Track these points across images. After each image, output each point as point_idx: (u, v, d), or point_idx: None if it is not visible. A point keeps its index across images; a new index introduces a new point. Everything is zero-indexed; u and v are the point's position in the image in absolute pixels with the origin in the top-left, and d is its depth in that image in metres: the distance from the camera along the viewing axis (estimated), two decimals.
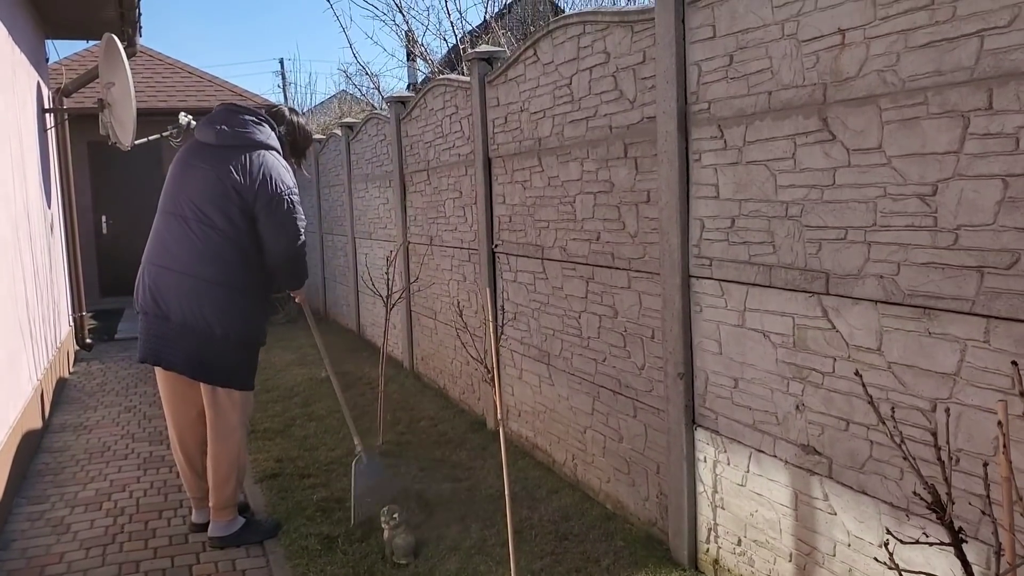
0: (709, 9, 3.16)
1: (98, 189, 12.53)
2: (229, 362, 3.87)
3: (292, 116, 4.25)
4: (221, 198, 3.79)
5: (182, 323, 3.78)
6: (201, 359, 3.82)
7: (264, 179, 3.82)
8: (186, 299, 3.77)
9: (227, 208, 3.79)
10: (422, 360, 7.13)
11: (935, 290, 2.37)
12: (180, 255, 3.80)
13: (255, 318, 3.97)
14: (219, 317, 3.79)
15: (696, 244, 3.34)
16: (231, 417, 3.93)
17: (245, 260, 3.87)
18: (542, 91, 4.51)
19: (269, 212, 3.83)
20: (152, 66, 13.18)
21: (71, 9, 7.81)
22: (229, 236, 3.80)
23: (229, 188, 3.78)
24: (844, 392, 2.71)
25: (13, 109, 6.04)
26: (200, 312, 3.76)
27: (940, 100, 2.31)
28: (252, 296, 3.93)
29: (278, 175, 3.87)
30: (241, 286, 3.85)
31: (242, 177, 3.80)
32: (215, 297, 3.78)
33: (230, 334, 3.82)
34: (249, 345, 3.96)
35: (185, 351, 3.81)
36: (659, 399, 3.68)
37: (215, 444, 3.93)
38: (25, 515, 4.47)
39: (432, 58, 11.99)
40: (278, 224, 3.86)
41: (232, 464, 3.95)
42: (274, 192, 3.83)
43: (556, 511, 4.14)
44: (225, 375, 3.88)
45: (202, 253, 3.77)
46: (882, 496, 2.59)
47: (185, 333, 3.79)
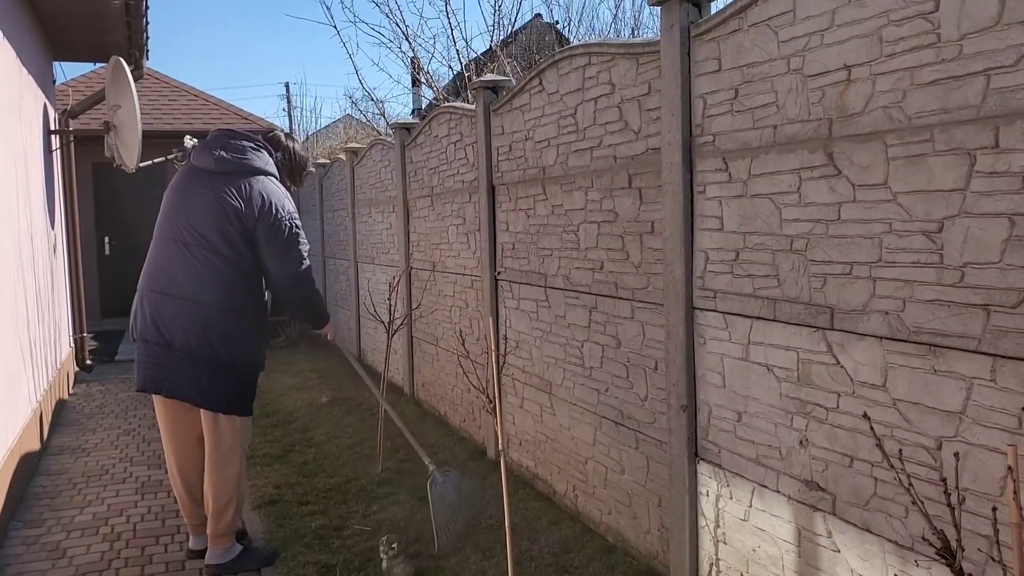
0: (715, 43, 3.17)
1: (101, 210, 12.57)
2: (233, 388, 3.85)
3: (288, 141, 4.26)
4: (222, 223, 3.78)
5: (186, 350, 3.75)
6: (205, 386, 3.79)
7: (264, 205, 3.82)
8: (190, 326, 3.74)
9: (228, 233, 3.78)
10: (423, 386, 7.10)
11: (941, 327, 2.36)
12: (182, 281, 3.77)
13: (258, 343, 3.96)
14: (224, 343, 3.77)
15: (700, 276, 3.33)
16: (231, 444, 3.90)
17: (248, 285, 3.87)
18: (547, 120, 4.53)
19: (270, 238, 3.83)
20: (158, 88, 13.25)
21: (79, 32, 7.86)
22: (231, 261, 3.80)
23: (230, 213, 3.78)
24: (848, 428, 2.69)
25: (20, 131, 6.06)
26: (205, 339, 3.74)
27: (946, 137, 2.31)
28: (254, 321, 3.92)
29: (278, 200, 3.88)
30: (244, 311, 3.84)
31: (242, 203, 3.79)
32: (219, 323, 3.76)
33: (235, 360, 3.80)
34: (252, 371, 3.95)
35: (188, 378, 3.78)
36: (662, 431, 3.66)
37: (215, 472, 3.90)
38: (21, 539, 4.43)
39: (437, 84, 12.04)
40: (280, 250, 3.86)
41: (232, 491, 3.91)
42: (275, 218, 3.83)
43: (556, 543, 4.11)
44: (228, 402, 3.86)
45: (204, 279, 3.76)
46: (887, 535, 2.57)
47: (189, 360, 3.76)
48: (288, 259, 3.89)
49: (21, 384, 5.38)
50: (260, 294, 3.94)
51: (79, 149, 9.40)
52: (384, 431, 5.45)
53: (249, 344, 3.89)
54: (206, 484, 3.94)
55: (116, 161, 7.53)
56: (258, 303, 3.95)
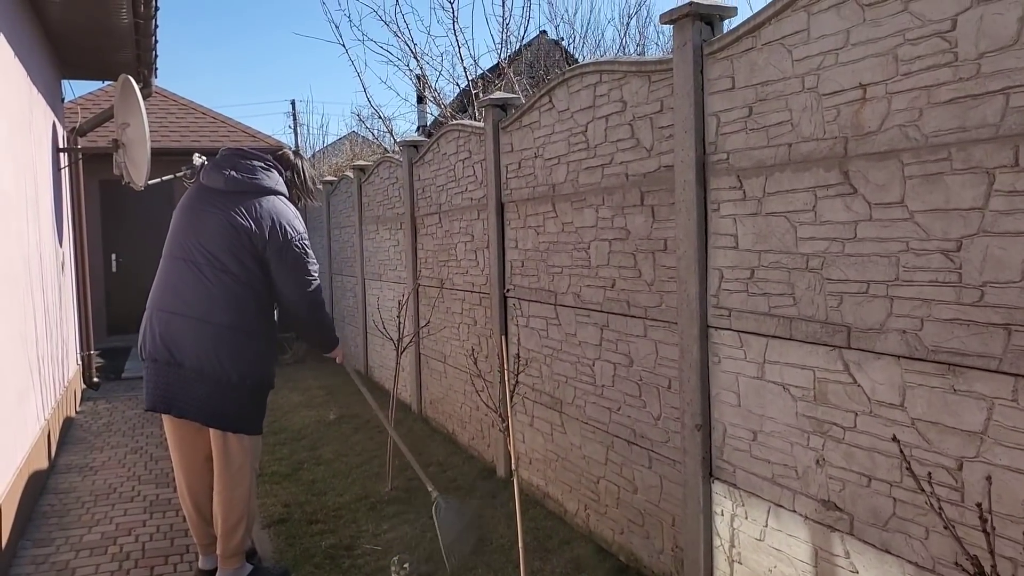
0: (728, 61, 3.17)
1: (109, 228, 12.59)
2: (243, 408, 3.84)
3: (297, 160, 4.27)
4: (233, 243, 3.77)
5: (197, 370, 3.73)
6: (215, 406, 3.77)
7: (274, 225, 3.82)
8: (201, 345, 3.72)
9: (240, 253, 3.78)
10: (431, 404, 7.08)
11: (960, 347, 2.35)
12: (193, 301, 3.76)
13: (268, 362, 3.95)
14: (235, 363, 3.75)
15: (715, 294, 3.32)
16: (241, 463, 3.87)
17: (258, 304, 3.86)
18: (557, 138, 4.53)
19: (280, 258, 3.83)
20: (166, 106, 13.30)
21: (88, 50, 7.90)
22: (242, 281, 3.79)
23: (241, 233, 3.78)
24: (866, 447, 2.67)
25: (29, 148, 6.08)
26: (216, 358, 3.72)
27: (964, 156, 2.31)
28: (265, 340, 3.91)
29: (287, 221, 3.88)
30: (255, 331, 3.83)
31: (252, 223, 3.79)
32: (230, 342, 3.75)
33: (246, 379, 3.79)
34: (262, 389, 3.93)
35: (198, 398, 3.76)
36: (675, 450, 3.64)
37: (225, 491, 3.87)
38: (30, 558, 4.41)
39: (443, 101, 12.07)
40: (289, 270, 3.86)
41: (242, 511, 3.89)
42: (284, 238, 3.83)
43: (568, 562, 4.08)
44: (238, 421, 3.84)
45: (216, 298, 3.75)
46: (907, 556, 2.54)
47: (200, 380, 3.74)
48: (298, 281, 3.89)
49: (29, 402, 5.37)
50: (270, 312, 3.94)
51: (87, 167, 9.43)
52: (393, 449, 5.43)
53: (259, 362, 3.87)
54: (216, 504, 3.91)
55: (125, 179, 7.54)
56: (268, 321, 3.94)
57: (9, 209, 5.04)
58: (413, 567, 3.76)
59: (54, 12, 6.63)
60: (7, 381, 4.64)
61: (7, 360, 4.70)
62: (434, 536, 4.33)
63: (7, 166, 5.08)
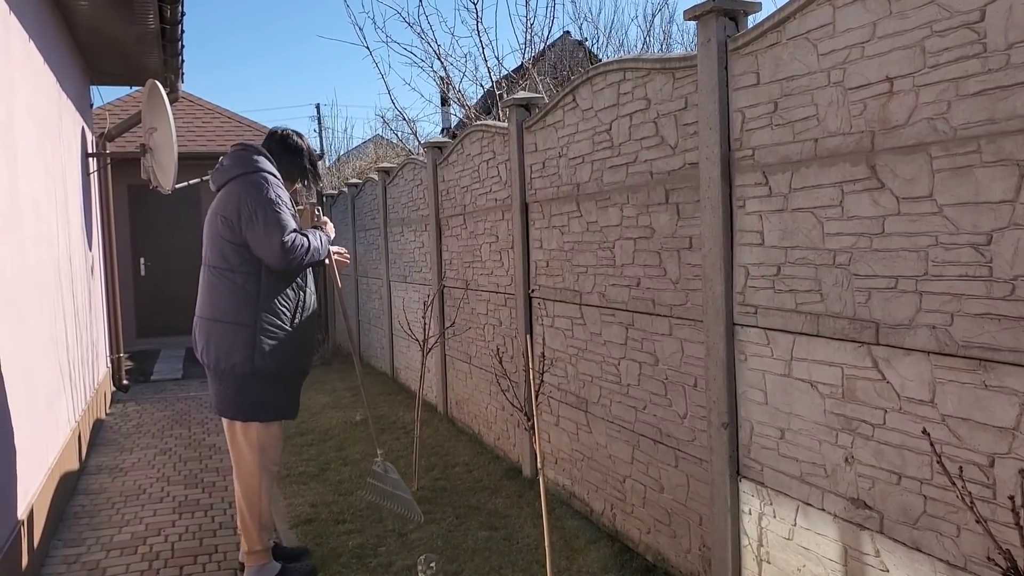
0: (752, 56, 3.15)
1: (136, 231, 12.73)
2: (241, 395, 3.91)
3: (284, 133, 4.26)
4: (219, 237, 3.91)
5: (212, 366, 3.95)
6: (221, 395, 3.96)
7: (240, 199, 3.86)
8: (211, 342, 3.91)
9: (223, 246, 3.90)
10: (456, 404, 7.09)
11: (991, 341, 2.32)
12: (205, 302, 3.98)
13: (271, 351, 3.89)
14: (228, 352, 3.87)
15: (740, 291, 3.30)
16: (251, 457, 3.97)
17: (251, 294, 3.88)
18: (581, 137, 4.52)
19: (252, 230, 3.84)
20: (192, 111, 13.42)
21: (116, 56, 7.99)
22: (229, 273, 3.89)
23: (223, 225, 3.89)
24: (896, 445, 2.64)
25: (59, 155, 6.16)
26: (217, 351, 3.89)
27: (994, 149, 2.28)
28: (263, 330, 3.88)
29: (254, 190, 3.87)
30: (248, 321, 3.86)
31: (228, 209, 3.89)
32: (224, 334, 3.88)
33: (239, 367, 3.87)
34: (266, 380, 3.92)
35: (216, 391, 4.00)
36: (702, 449, 3.62)
37: (236, 483, 4.04)
38: (61, 558, 4.46)
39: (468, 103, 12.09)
40: (262, 236, 3.83)
41: (254, 508, 3.97)
42: (250, 208, 3.84)
43: (595, 562, 4.07)
44: (237, 409, 3.94)
45: (215, 296, 3.93)
46: (938, 554, 2.51)
47: (215, 374, 3.96)
48: (270, 243, 3.83)
49: (60, 404, 5.44)
50: (271, 302, 3.91)
51: (115, 171, 9.54)
52: (420, 450, 5.44)
53: (256, 351, 3.86)
54: (236, 497, 4.08)
55: (152, 183, 7.62)
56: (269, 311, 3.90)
57: (40, 215, 5.11)
58: (440, 566, 3.77)
59: (82, 19, 6.71)
60: (38, 384, 4.70)
61: (38, 363, 4.77)
62: (461, 536, 4.34)
63: (38, 172, 5.15)
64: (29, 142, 4.91)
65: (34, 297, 4.75)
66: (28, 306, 4.55)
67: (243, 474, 3.98)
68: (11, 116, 4.42)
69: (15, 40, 4.65)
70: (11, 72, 4.49)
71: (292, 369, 4.02)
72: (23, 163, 4.67)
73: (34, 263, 4.80)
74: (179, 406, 8.69)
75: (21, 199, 4.54)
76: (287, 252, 3.84)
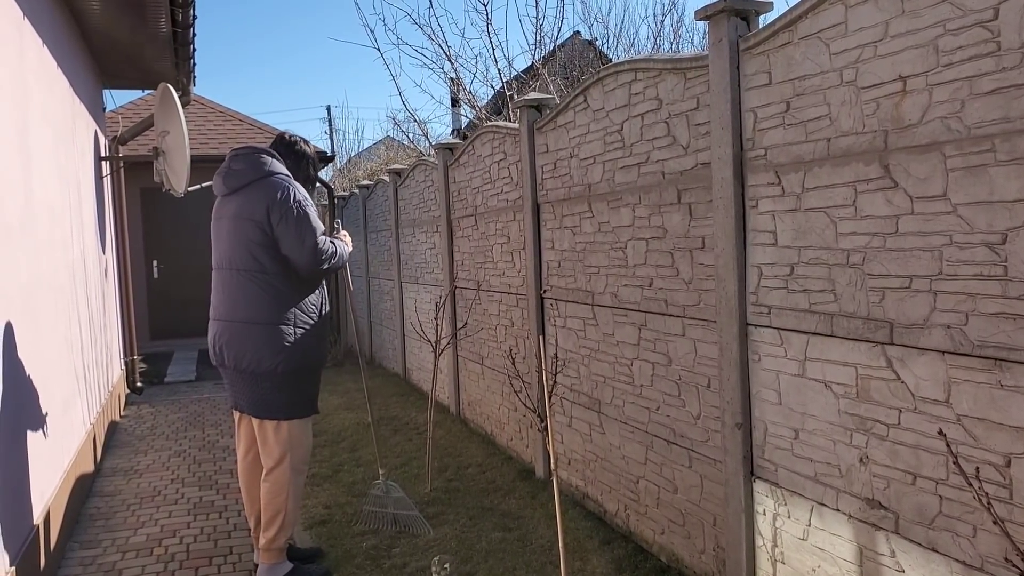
0: (764, 56, 3.15)
1: (149, 234, 12.78)
2: (270, 394, 3.94)
3: (292, 139, 4.31)
4: (246, 241, 3.92)
5: (238, 367, 3.95)
6: (251, 395, 3.98)
7: (271, 201, 3.89)
8: (235, 344, 3.94)
9: (251, 247, 3.91)
10: (468, 405, 7.10)
11: (1007, 341, 2.31)
12: (225, 305, 4.00)
13: (296, 349, 3.94)
14: (257, 353, 3.89)
15: (754, 292, 3.29)
16: (280, 455, 3.99)
17: (275, 295, 3.92)
18: (592, 137, 4.52)
19: (285, 229, 3.88)
20: (204, 114, 13.47)
21: (129, 60, 8.03)
22: (256, 275, 3.91)
23: (248, 228, 3.91)
24: (911, 445, 2.63)
25: (73, 158, 6.19)
26: (244, 352, 3.91)
27: (1008, 147, 2.27)
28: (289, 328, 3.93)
29: (284, 192, 3.92)
30: (274, 320, 3.91)
31: (255, 212, 3.90)
32: (252, 335, 3.90)
33: (275, 367, 3.90)
34: (294, 376, 3.97)
35: (244, 392, 4.01)
36: (716, 449, 3.61)
37: (264, 482, 4.05)
38: (78, 560, 4.49)
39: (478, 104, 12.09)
40: (295, 237, 3.89)
41: (280, 506, 3.99)
42: (283, 208, 3.88)
43: (609, 563, 4.06)
44: (268, 408, 3.97)
45: (237, 299, 3.95)
46: (954, 554, 2.50)
47: (240, 375, 3.97)
48: (303, 243, 3.89)
49: (75, 407, 5.47)
50: (291, 301, 3.96)
51: (128, 174, 9.59)
52: (432, 451, 5.45)
53: (284, 350, 3.91)
54: (261, 494, 4.08)
55: (165, 186, 7.65)
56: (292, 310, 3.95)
57: (54, 219, 5.14)
58: (454, 567, 3.77)
59: (95, 24, 6.74)
60: (54, 387, 4.73)
61: (53, 366, 4.79)
62: (475, 536, 4.34)
63: (52, 176, 5.18)
64: (44, 146, 4.94)
65: (49, 300, 4.78)
66: (43, 309, 4.58)
67: (270, 469, 4.01)
68: (26, 121, 4.45)
69: (29, 45, 4.68)
70: (25, 77, 4.52)
71: (319, 363, 4.13)
72: (38, 167, 4.70)
73: (49, 267, 4.82)
74: (193, 408, 8.72)
75: (36, 203, 4.57)
76: (318, 254, 3.92)
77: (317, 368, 4.12)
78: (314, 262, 3.92)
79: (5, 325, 3.69)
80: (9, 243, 3.85)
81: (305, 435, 4.10)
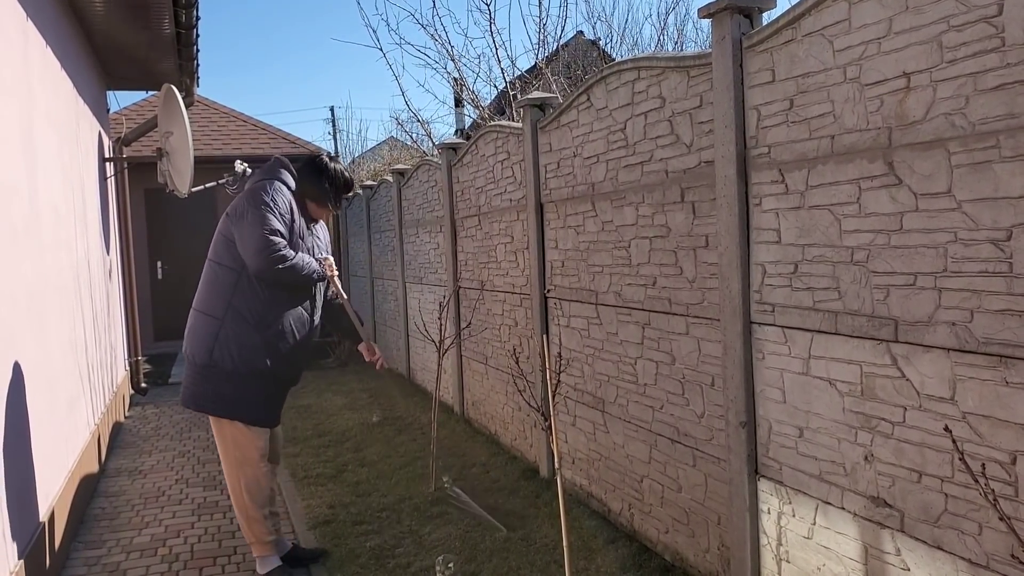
0: (768, 54, 3.14)
1: (154, 235, 12.80)
2: (217, 389, 3.97)
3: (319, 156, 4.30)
4: (218, 233, 4.06)
5: (188, 356, 4.08)
6: (193, 387, 4.05)
7: (242, 199, 3.99)
8: (189, 332, 4.08)
9: (218, 240, 4.04)
10: (472, 405, 7.10)
11: (1012, 338, 2.30)
12: (198, 294, 4.12)
13: (250, 349, 3.93)
14: (204, 343, 3.97)
15: (758, 290, 3.28)
16: (232, 456, 4.05)
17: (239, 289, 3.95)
18: (595, 136, 4.51)
19: (239, 227, 3.93)
20: (208, 115, 13.48)
21: (132, 61, 8.04)
22: (224, 267, 3.99)
23: (222, 222, 4.06)
24: (916, 443, 2.62)
25: (77, 160, 6.20)
26: (192, 342, 4.03)
27: (1013, 143, 2.26)
28: (246, 325, 3.93)
29: (254, 194, 3.95)
30: (230, 315, 3.94)
31: (232, 208, 4.03)
32: (203, 325, 4.00)
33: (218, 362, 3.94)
34: (245, 377, 3.95)
35: (186, 383, 4.12)
36: (720, 448, 3.61)
37: (226, 478, 4.18)
38: (82, 560, 4.49)
39: (482, 104, 12.09)
40: (245, 236, 3.89)
41: (239, 503, 4.09)
42: (245, 207, 3.93)
43: (613, 562, 4.06)
44: (213, 403, 4.01)
45: (203, 287, 4.08)
46: (959, 552, 2.49)
47: (190, 365, 4.09)
48: (247, 246, 3.87)
49: (80, 407, 5.48)
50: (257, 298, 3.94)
51: (132, 175, 9.60)
52: (437, 451, 5.45)
53: (234, 347, 3.92)
54: None
55: (169, 187, 7.66)
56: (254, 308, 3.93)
57: (59, 220, 5.15)
58: (458, 567, 3.77)
59: (98, 25, 6.76)
60: (58, 388, 4.74)
61: (58, 367, 4.80)
62: (479, 536, 4.34)
63: (56, 178, 5.19)
64: (48, 148, 4.94)
65: (54, 301, 4.78)
66: (48, 310, 4.58)
67: (227, 467, 4.11)
68: (30, 122, 4.46)
69: (33, 47, 4.69)
70: (30, 79, 4.52)
71: (254, 371, 3.96)
72: (42, 169, 4.71)
73: (53, 268, 4.83)
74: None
75: (40, 204, 4.57)
76: (264, 249, 3.83)
77: (255, 378, 3.97)
78: (261, 259, 3.83)
79: (11, 326, 3.69)
80: (15, 245, 3.86)
81: (243, 435, 4.02)
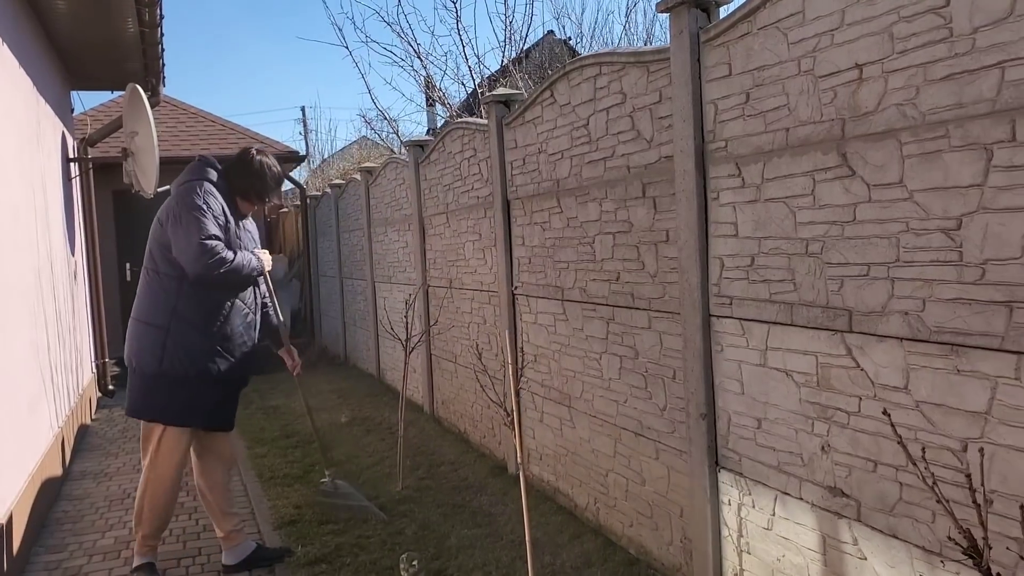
0: (724, 48, 3.15)
1: (122, 236, 12.64)
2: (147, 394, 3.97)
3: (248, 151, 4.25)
4: (150, 239, 4.03)
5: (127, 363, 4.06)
6: (131, 392, 4.05)
7: (171, 203, 3.96)
8: (127, 339, 4.06)
9: (151, 247, 4.01)
10: (442, 404, 7.08)
11: (963, 326, 2.32)
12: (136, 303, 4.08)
13: (183, 356, 3.91)
14: (137, 351, 3.96)
15: (716, 283, 3.30)
16: (151, 457, 4.04)
17: (172, 298, 3.92)
18: (559, 132, 4.51)
19: (173, 231, 3.89)
20: (175, 115, 13.35)
21: (96, 61, 7.94)
22: (157, 275, 3.97)
23: (153, 227, 4.02)
24: (871, 432, 2.64)
25: (38, 160, 6.11)
26: (129, 348, 4.01)
27: (962, 133, 2.28)
28: (177, 333, 3.91)
29: (183, 196, 3.92)
30: (163, 323, 3.91)
31: (161, 212, 4.00)
32: (138, 333, 3.98)
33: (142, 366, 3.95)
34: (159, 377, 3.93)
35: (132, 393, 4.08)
36: (681, 440, 3.62)
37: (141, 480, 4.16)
38: (43, 564, 4.43)
39: (451, 103, 12.07)
40: (180, 239, 3.85)
41: (139, 503, 4.11)
42: (176, 211, 3.90)
43: (578, 556, 4.06)
44: (141, 407, 4.02)
45: (139, 296, 4.05)
46: (914, 540, 2.51)
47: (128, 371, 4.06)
48: (184, 251, 3.84)
49: (42, 409, 5.40)
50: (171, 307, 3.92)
51: (99, 177, 9.49)
52: (404, 450, 5.43)
53: (164, 353, 3.90)
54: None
55: (135, 187, 7.59)
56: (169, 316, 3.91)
57: (19, 221, 5.08)
58: (423, 564, 3.75)
59: (60, 25, 6.67)
60: (18, 389, 4.67)
61: (19, 369, 4.73)
62: (444, 533, 4.33)
63: (15, 178, 5.11)
64: (6, 148, 4.87)
65: (15, 303, 4.71)
66: (8, 312, 4.51)
67: (143, 471, 4.10)
68: None
69: None
70: None
71: (205, 375, 3.95)
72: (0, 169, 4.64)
73: (13, 269, 4.76)
74: None
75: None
76: (202, 255, 3.81)
77: (207, 382, 3.97)
78: (200, 264, 3.80)
79: None
80: None
81: (175, 447, 4.03)
